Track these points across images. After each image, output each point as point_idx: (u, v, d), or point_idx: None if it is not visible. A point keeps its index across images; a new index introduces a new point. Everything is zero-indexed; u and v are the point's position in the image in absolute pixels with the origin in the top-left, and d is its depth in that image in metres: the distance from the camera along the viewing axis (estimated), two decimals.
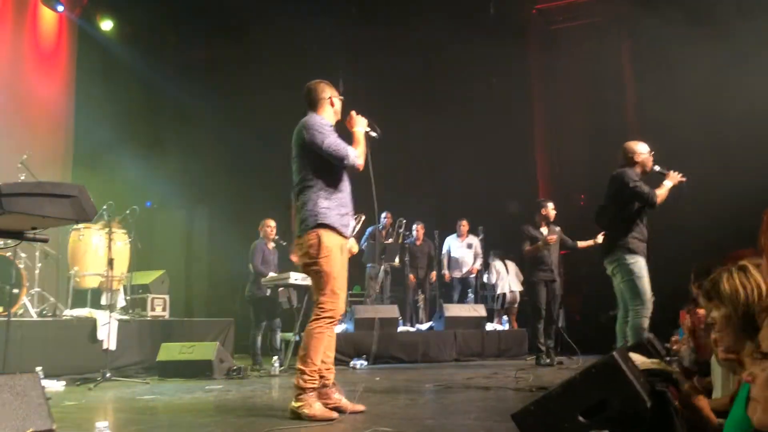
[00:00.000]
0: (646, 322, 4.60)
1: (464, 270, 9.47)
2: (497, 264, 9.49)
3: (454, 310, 8.62)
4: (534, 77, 10.82)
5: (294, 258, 5.36)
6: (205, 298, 10.84)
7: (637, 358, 3.01)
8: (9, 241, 5.79)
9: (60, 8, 9.29)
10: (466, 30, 9.92)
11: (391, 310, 8.19)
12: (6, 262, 6.00)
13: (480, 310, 8.69)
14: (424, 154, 10.22)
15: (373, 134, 3.89)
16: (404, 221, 9.25)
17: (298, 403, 3.47)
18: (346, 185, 3.77)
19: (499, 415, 3.59)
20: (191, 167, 10.24)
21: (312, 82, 3.88)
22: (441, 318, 8.56)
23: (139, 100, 9.86)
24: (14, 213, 2.49)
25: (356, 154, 3.68)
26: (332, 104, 3.83)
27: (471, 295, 9.37)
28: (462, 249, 9.50)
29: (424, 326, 8.85)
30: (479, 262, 9.54)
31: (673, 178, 4.88)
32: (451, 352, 8.09)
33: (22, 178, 6.24)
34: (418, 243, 9.45)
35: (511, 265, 9.47)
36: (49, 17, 9.41)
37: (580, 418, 2.46)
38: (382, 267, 8.95)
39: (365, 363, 7.31)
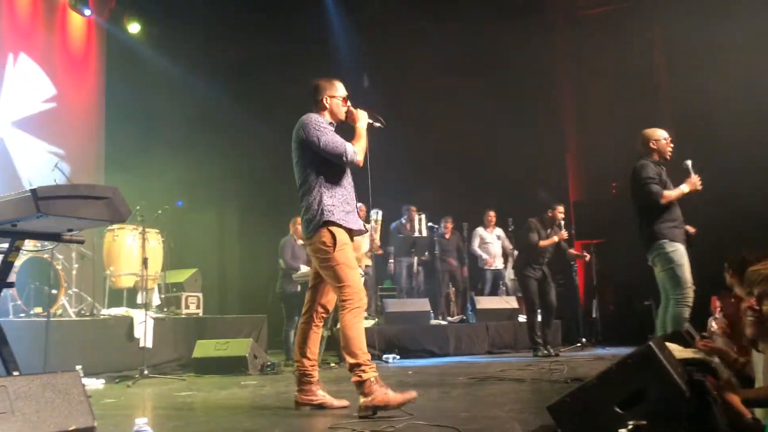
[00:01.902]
0: (687, 312, 4.50)
1: (497, 261, 9.41)
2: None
3: (485, 302, 8.59)
4: (562, 64, 10.66)
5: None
6: (238, 295, 10.95)
7: (674, 348, 2.97)
8: (46, 243, 5.97)
9: (87, 12, 9.42)
10: (491, 20, 9.84)
11: (423, 304, 8.19)
12: (44, 263, 6.15)
13: (512, 302, 8.64)
14: (451, 146, 10.14)
15: (377, 125, 3.84)
16: (423, 215, 9.25)
17: (368, 398, 3.35)
18: (347, 182, 3.72)
19: (534, 407, 3.57)
20: (221, 166, 10.34)
21: (314, 81, 3.83)
22: (473, 310, 8.53)
23: (168, 101, 9.96)
24: (51, 215, 2.53)
25: (354, 150, 3.61)
26: (324, 106, 3.75)
27: (503, 287, 9.31)
28: (492, 240, 9.46)
29: (456, 319, 8.83)
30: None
31: (692, 184, 4.75)
32: (484, 345, 8.06)
33: (57, 181, 6.37)
34: (447, 236, 9.42)
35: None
36: (77, 22, 9.56)
37: (617, 410, 2.44)
38: (414, 260, 8.96)
39: (397, 357, 7.33)
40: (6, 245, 3.01)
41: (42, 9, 9.03)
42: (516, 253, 9.37)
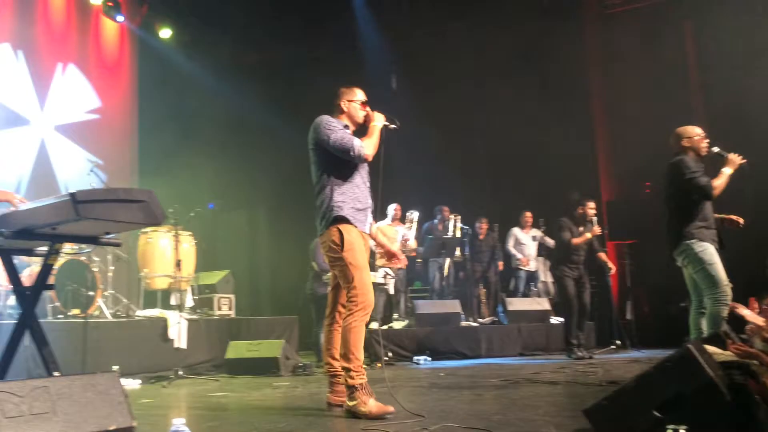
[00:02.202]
0: (725, 311, 4.39)
1: (532, 263, 9.34)
2: None
3: (517, 303, 8.52)
4: (592, 62, 10.50)
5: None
6: (269, 296, 11.04)
7: (713, 351, 2.91)
8: (83, 246, 6.10)
9: (120, 18, 9.60)
10: (520, 18, 9.76)
11: (453, 305, 8.15)
12: (81, 266, 6.27)
13: (544, 304, 8.55)
14: (481, 146, 10.09)
15: (392, 126, 3.90)
16: (458, 216, 9.27)
17: (353, 402, 3.50)
18: (359, 180, 3.80)
19: (569, 410, 3.53)
20: (252, 169, 10.43)
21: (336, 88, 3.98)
22: (504, 312, 8.47)
23: (199, 105, 10.08)
24: (89, 219, 2.58)
25: (361, 145, 3.67)
26: (342, 110, 3.88)
27: (534, 289, 9.23)
28: (528, 241, 9.38)
29: (486, 320, 8.78)
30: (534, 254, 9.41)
31: (732, 163, 4.65)
32: (516, 347, 8.00)
33: (93, 185, 6.48)
34: (481, 237, 9.36)
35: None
36: (110, 28, 9.75)
37: (656, 413, 2.40)
38: (445, 261, 8.95)
39: (428, 359, 7.31)
40: (43, 249, 3.10)
41: (75, 15, 9.23)
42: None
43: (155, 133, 9.64)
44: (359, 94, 3.92)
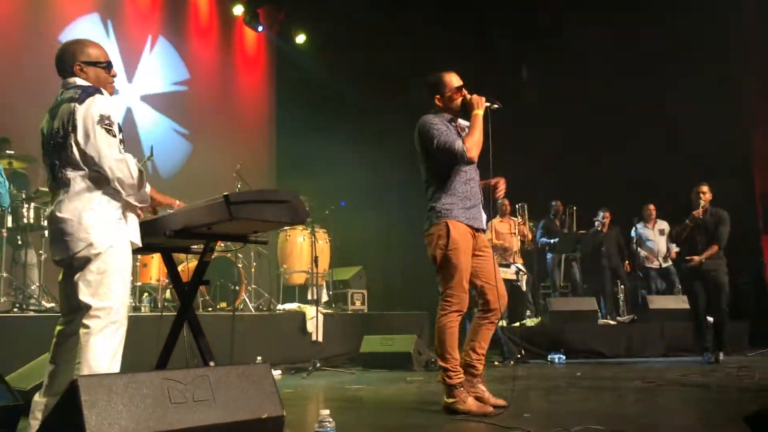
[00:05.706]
0: None
1: (661, 259, 8.77)
2: None
3: (659, 301, 8.04)
4: (746, 22, 9.48)
5: None
6: (400, 292, 11.18)
7: None
8: (230, 243, 6.48)
9: (260, 28, 10.15)
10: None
11: (589, 303, 7.86)
12: (229, 262, 6.69)
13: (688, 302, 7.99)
14: (611, 132, 9.49)
15: (495, 107, 3.68)
16: (575, 208, 8.86)
17: (451, 399, 3.51)
18: (469, 176, 3.67)
19: (725, 416, 3.29)
20: (382, 165, 10.60)
21: (426, 79, 3.80)
22: (644, 310, 8.03)
23: (331, 107, 10.38)
24: (241, 219, 2.75)
25: (464, 148, 3.51)
26: (438, 103, 3.72)
27: (678, 286, 8.65)
28: (654, 236, 8.81)
29: (626, 319, 8.38)
30: (674, 245, 8.73)
31: None
32: (658, 347, 7.56)
33: (239, 186, 6.88)
34: (604, 231, 8.91)
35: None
36: (250, 36, 10.34)
37: None
38: (561, 257, 8.68)
39: (563, 357, 7.10)
40: (195, 247, 3.33)
41: (218, 26, 9.90)
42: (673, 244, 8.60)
43: (291, 135, 10.08)
44: (452, 81, 3.72)
